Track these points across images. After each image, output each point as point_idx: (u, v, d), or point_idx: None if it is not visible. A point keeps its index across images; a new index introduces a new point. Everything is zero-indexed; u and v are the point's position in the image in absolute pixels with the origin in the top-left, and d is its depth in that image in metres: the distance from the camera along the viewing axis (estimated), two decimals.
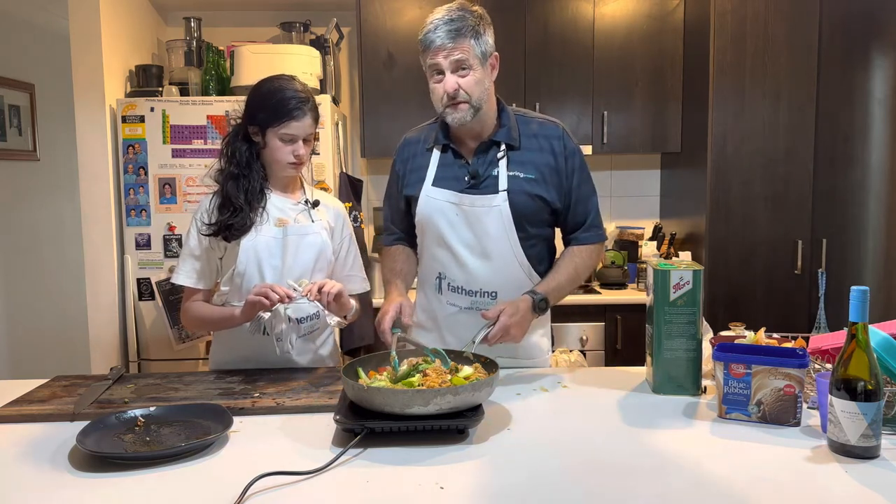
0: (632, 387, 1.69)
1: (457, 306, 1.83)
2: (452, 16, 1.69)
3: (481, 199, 1.77)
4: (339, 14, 3.62)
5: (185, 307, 1.90)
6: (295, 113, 1.77)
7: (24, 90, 3.80)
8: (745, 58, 3.13)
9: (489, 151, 1.80)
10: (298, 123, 1.78)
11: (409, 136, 1.96)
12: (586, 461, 1.26)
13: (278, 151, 1.80)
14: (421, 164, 1.86)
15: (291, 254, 1.83)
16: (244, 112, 1.84)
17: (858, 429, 1.23)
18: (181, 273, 1.87)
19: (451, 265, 1.81)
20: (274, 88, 1.80)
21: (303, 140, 1.81)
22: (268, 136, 1.80)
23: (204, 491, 1.16)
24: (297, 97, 1.78)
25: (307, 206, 1.90)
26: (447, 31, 1.68)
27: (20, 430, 1.45)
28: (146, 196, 3.10)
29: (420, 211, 1.83)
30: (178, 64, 3.41)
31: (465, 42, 1.68)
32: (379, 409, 1.35)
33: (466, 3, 1.75)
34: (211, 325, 1.91)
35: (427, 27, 1.70)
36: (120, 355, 3.17)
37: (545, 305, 1.76)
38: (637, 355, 2.16)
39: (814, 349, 1.59)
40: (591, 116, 3.48)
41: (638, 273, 3.52)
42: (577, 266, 1.84)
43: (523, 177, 1.77)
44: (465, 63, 1.69)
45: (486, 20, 1.74)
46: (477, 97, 1.72)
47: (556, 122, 1.85)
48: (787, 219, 3.19)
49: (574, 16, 3.43)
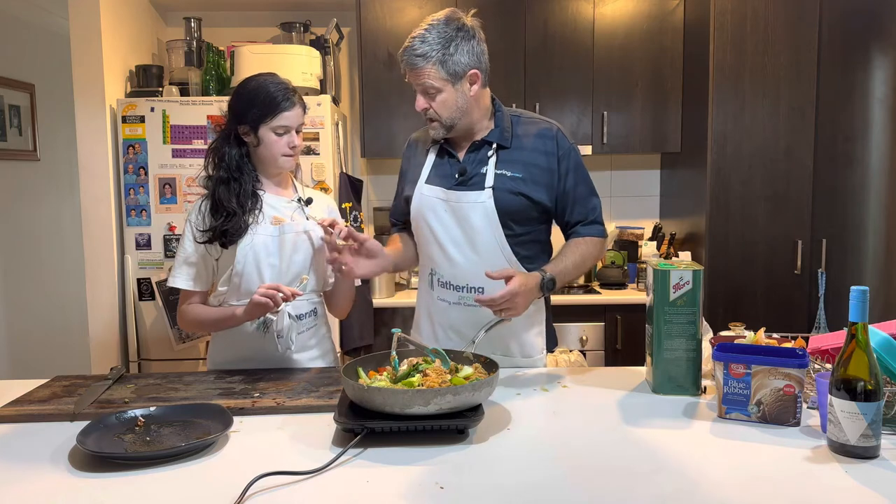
0: (632, 387, 1.69)
1: (446, 301, 1.85)
2: (424, 38, 1.70)
3: (467, 195, 1.80)
4: (339, 14, 3.62)
5: (183, 310, 1.90)
6: (285, 104, 1.79)
7: (24, 90, 3.81)
8: (745, 58, 3.13)
9: (480, 150, 1.84)
10: (290, 113, 1.80)
11: (413, 137, 2.01)
12: (586, 461, 1.26)
13: (274, 145, 1.81)
14: (419, 163, 1.91)
15: (289, 252, 1.84)
16: (229, 115, 1.85)
17: (858, 429, 1.23)
18: (177, 276, 1.87)
19: (441, 261, 1.84)
20: (258, 84, 1.81)
21: (295, 130, 1.83)
22: (261, 132, 1.81)
23: (204, 491, 1.16)
24: (283, 88, 1.81)
25: (301, 203, 1.91)
26: (410, 56, 1.72)
27: (20, 430, 1.45)
28: (146, 196, 3.10)
29: (413, 208, 1.87)
30: (179, 64, 3.41)
31: (428, 68, 1.71)
32: (379, 409, 1.35)
33: (452, 13, 1.75)
34: (210, 326, 1.90)
35: (404, 43, 1.74)
36: (120, 355, 3.17)
37: (552, 286, 1.76)
38: (637, 355, 2.16)
39: (814, 349, 1.59)
40: (590, 116, 3.48)
41: (638, 273, 3.52)
42: (584, 253, 1.84)
43: (510, 175, 1.79)
44: (430, 87, 1.73)
45: (465, 34, 1.72)
46: (447, 117, 1.77)
47: (551, 123, 1.87)
48: (787, 219, 3.19)
49: (574, 16, 3.43)
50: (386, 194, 3.83)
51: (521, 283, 1.65)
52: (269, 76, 1.84)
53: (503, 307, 1.65)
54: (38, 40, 3.90)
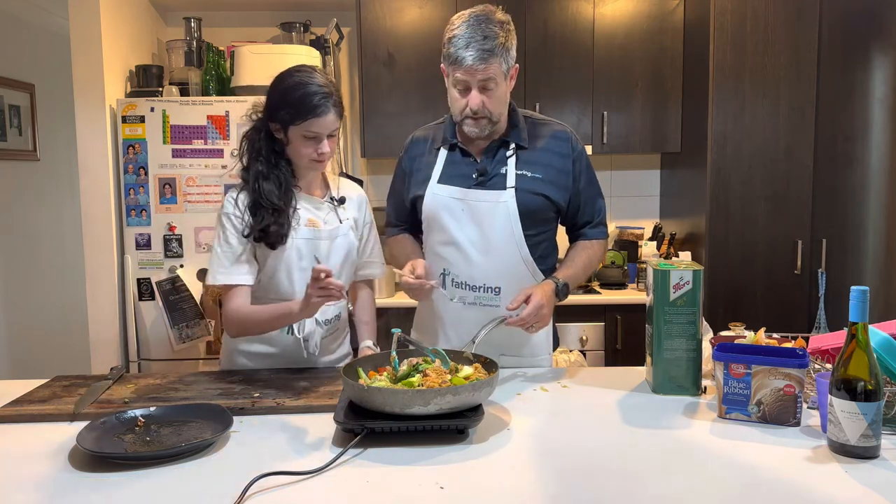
0: (632, 387, 1.69)
1: (462, 301, 1.84)
2: (486, 32, 1.67)
3: (488, 195, 1.80)
4: (339, 14, 3.61)
5: (233, 309, 1.73)
6: (319, 110, 1.69)
7: (24, 90, 3.81)
8: (745, 58, 3.13)
9: (498, 150, 1.83)
10: (322, 120, 1.70)
11: (417, 135, 1.98)
12: (586, 461, 1.26)
13: (301, 149, 1.73)
14: (428, 162, 1.89)
15: (322, 257, 1.77)
16: (265, 107, 1.76)
17: (858, 429, 1.23)
18: (222, 272, 1.73)
19: (456, 260, 1.83)
20: (295, 83, 1.70)
21: (327, 136, 1.73)
22: (290, 133, 1.72)
23: (204, 491, 1.16)
24: (320, 92, 1.69)
25: (334, 203, 1.85)
26: (479, 51, 1.67)
27: (20, 430, 1.45)
28: (146, 196, 3.10)
29: (426, 208, 1.85)
30: (179, 64, 3.41)
31: (496, 62, 1.69)
32: (379, 409, 1.35)
33: (492, 10, 1.73)
34: (265, 325, 1.75)
35: (456, 39, 1.69)
36: (120, 355, 3.17)
37: (566, 291, 1.79)
38: (637, 355, 2.16)
39: (814, 349, 1.59)
40: (591, 116, 3.47)
41: (638, 273, 3.52)
42: (590, 256, 1.89)
43: (531, 176, 1.80)
44: (492, 82, 1.71)
45: (511, 29, 1.74)
46: (497, 112, 1.77)
47: (564, 126, 1.90)
48: (787, 219, 3.18)
49: (574, 16, 3.43)
50: (385, 194, 3.82)
51: (543, 295, 1.69)
52: (308, 74, 1.72)
53: (533, 322, 1.68)
54: (38, 40, 3.89)
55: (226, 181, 3.09)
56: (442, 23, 3.39)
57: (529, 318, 1.67)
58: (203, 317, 3.14)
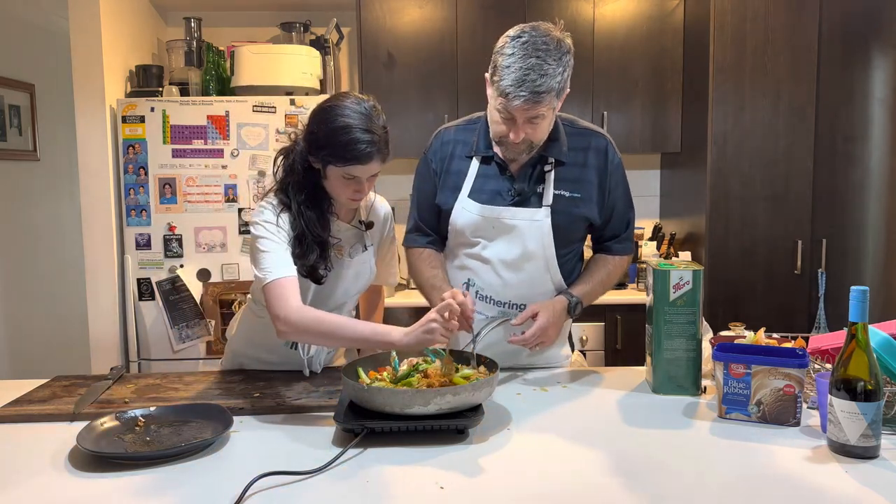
0: (632, 387, 1.69)
1: (484, 315, 1.75)
2: (542, 69, 1.53)
3: (522, 213, 1.72)
4: (339, 14, 3.61)
5: (295, 307, 1.53)
6: (363, 159, 1.55)
7: (24, 90, 3.80)
8: (745, 58, 3.13)
9: (536, 165, 1.74)
10: (364, 167, 1.57)
11: (446, 133, 1.84)
12: (586, 461, 1.26)
13: (338, 188, 1.62)
14: (459, 169, 1.78)
15: (345, 284, 1.74)
16: (306, 135, 1.62)
17: (858, 429, 1.23)
18: (274, 267, 1.56)
19: (484, 274, 1.77)
20: (343, 126, 1.55)
21: (367, 178, 1.62)
22: (328, 170, 1.60)
23: (204, 491, 1.16)
24: (367, 140, 1.54)
25: (361, 227, 1.77)
26: (532, 93, 1.53)
27: (20, 430, 1.45)
28: (146, 196, 3.11)
29: (454, 221, 1.77)
30: (179, 64, 3.41)
31: (549, 100, 1.57)
32: (379, 409, 1.35)
33: (553, 35, 1.59)
34: (336, 336, 1.57)
35: (507, 70, 1.54)
36: (120, 355, 3.17)
37: (580, 309, 1.75)
38: (637, 355, 2.16)
39: (814, 349, 1.59)
40: (591, 116, 3.47)
41: (638, 273, 3.52)
42: (610, 272, 1.83)
43: (569, 196, 1.73)
44: (540, 117, 1.60)
45: (571, 63, 1.61)
46: (539, 140, 1.66)
47: (602, 135, 1.81)
48: (787, 219, 3.19)
49: (574, 16, 3.42)
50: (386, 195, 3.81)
51: (549, 317, 1.67)
52: (360, 118, 1.55)
53: (535, 343, 1.67)
54: (38, 40, 3.89)
55: (225, 181, 3.09)
56: (442, 23, 3.43)
57: (532, 340, 1.65)
58: (203, 317, 3.14)
